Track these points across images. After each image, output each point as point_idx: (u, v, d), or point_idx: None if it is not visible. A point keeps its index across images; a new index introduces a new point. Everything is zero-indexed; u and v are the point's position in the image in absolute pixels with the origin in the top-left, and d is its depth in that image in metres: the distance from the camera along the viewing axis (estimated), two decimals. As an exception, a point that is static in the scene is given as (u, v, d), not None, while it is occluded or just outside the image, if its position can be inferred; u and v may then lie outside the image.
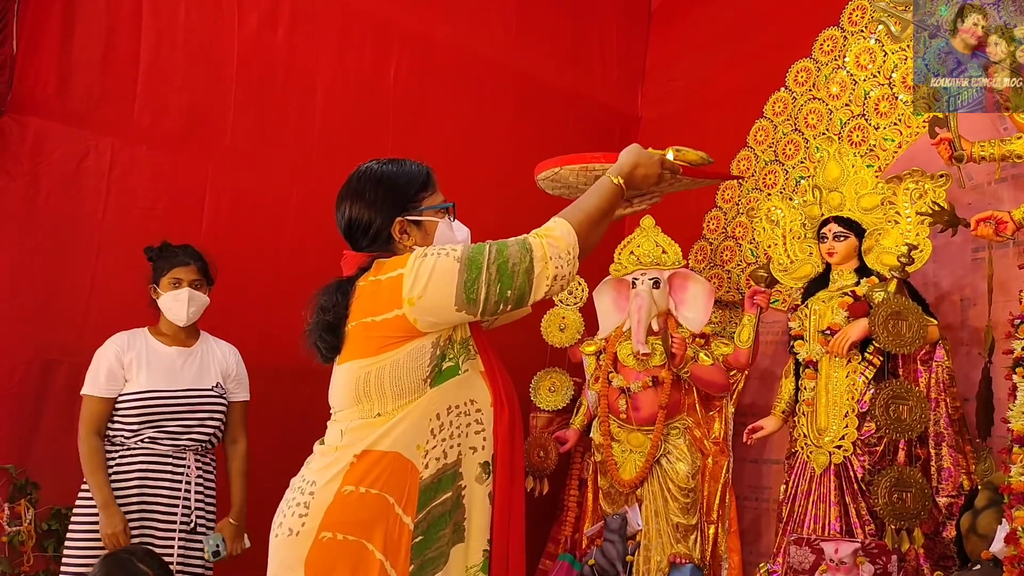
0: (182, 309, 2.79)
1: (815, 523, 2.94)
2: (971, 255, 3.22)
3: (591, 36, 4.76)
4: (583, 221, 1.66)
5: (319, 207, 3.65)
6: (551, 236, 1.63)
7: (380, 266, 1.68)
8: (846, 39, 3.83)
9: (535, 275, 1.59)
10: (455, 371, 1.66)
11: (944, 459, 2.86)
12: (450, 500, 1.62)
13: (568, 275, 1.63)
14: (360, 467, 1.59)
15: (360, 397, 1.64)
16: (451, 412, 1.64)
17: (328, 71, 3.75)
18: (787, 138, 4.02)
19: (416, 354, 1.61)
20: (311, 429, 1.89)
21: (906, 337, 2.81)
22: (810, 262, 3.30)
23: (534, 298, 1.63)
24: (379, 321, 1.62)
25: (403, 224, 1.74)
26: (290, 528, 1.61)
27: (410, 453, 1.61)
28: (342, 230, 1.79)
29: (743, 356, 3.47)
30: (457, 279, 1.58)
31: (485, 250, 1.61)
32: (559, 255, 1.61)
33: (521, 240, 1.63)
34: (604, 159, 1.84)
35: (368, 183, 1.76)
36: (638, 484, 3.46)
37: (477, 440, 1.66)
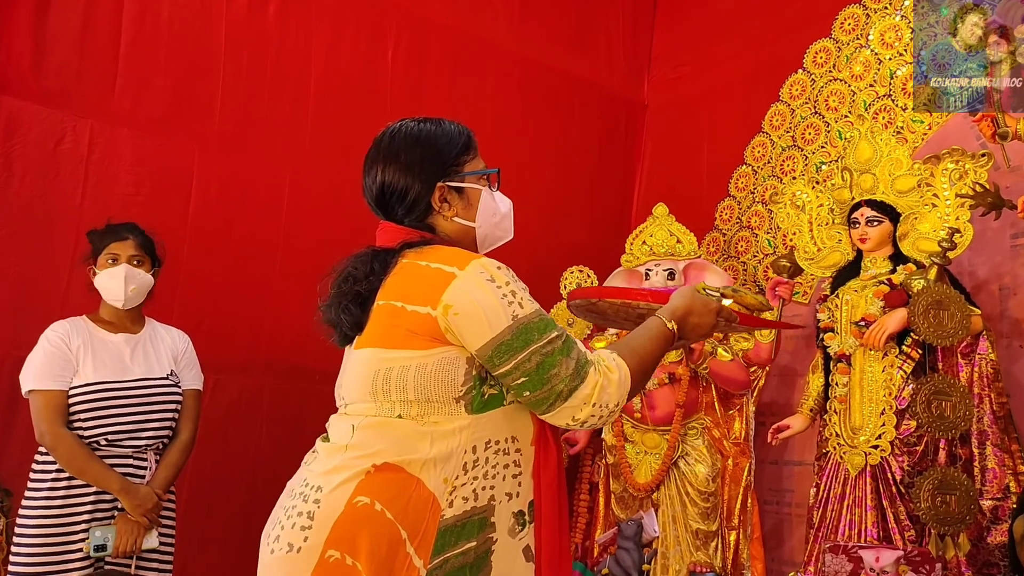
0: (119, 288, 2.49)
1: (850, 529, 2.74)
2: (1010, 241, 3.03)
3: (596, 21, 4.57)
4: (638, 369, 1.43)
5: (314, 195, 3.50)
6: (609, 379, 1.38)
7: (435, 251, 1.45)
8: (868, 17, 3.65)
9: (566, 405, 1.36)
10: (500, 400, 1.41)
11: (988, 459, 2.67)
12: (473, 552, 1.36)
13: (600, 423, 1.42)
14: (378, 479, 1.35)
15: (378, 393, 1.40)
16: (489, 447, 1.40)
17: (322, 53, 3.55)
18: (806, 122, 3.83)
19: (448, 366, 1.38)
20: (308, 429, 1.67)
21: (948, 328, 2.61)
22: (839, 249, 3.10)
23: (547, 419, 1.40)
24: (408, 311, 1.39)
25: (444, 191, 1.50)
26: (290, 543, 1.33)
27: (435, 485, 1.35)
28: (371, 198, 1.55)
29: (764, 351, 3.27)
30: (498, 334, 1.35)
31: (548, 335, 1.37)
32: (604, 404, 1.38)
33: (584, 362, 1.37)
34: (651, 298, 1.62)
35: (404, 143, 1.52)
36: (654, 488, 3.26)
37: (512, 485, 1.41)
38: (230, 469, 3.15)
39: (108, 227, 2.57)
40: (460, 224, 1.52)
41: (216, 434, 3.13)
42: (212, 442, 3.11)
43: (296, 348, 3.24)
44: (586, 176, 4.42)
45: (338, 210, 3.29)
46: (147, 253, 2.58)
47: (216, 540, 3.08)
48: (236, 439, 3.18)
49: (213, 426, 3.13)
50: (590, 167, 4.45)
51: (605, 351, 1.42)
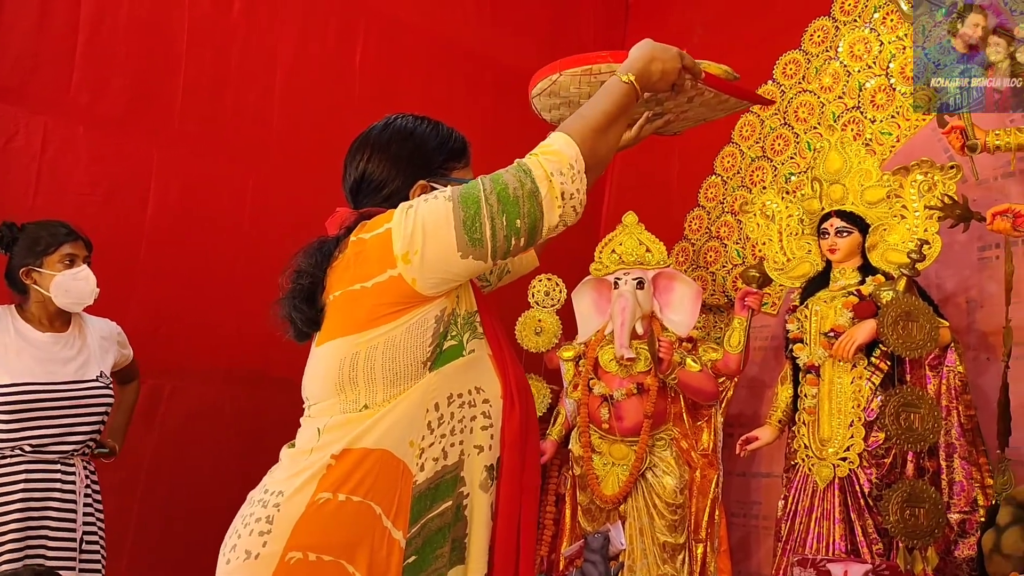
0: (87, 290, 2.43)
1: (818, 542, 2.71)
2: (977, 254, 3.04)
3: (568, 27, 4.54)
4: (585, 129, 1.36)
5: (279, 196, 3.41)
6: (548, 151, 1.34)
7: (363, 225, 1.40)
8: (838, 29, 3.65)
9: (542, 197, 1.31)
10: (459, 351, 1.36)
11: (956, 472, 2.66)
12: (449, 511, 1.32)
13: (577, 193, 1.34)
14: (339, 469, 1.29)
15: (344, 384, 1.33)
16: (452, 402, 1.35)
17: (289, 52, 3.47)
18: (776, 132, 3.82)
19: (416, 330, 1.32)
20: (270, 440, 1.60)
21: (917, 340, 2.60)
22: (808, 260, 3.08)
23: (548, 225, 1.34)
24: (370, 287, 1.33)
25: (424, 189, 1.46)
26: (247, 550, 1.27)
27: (402, 451, 1.30)
28: (348, 186, 1.51)
29: (733, 362, 3.25)
30: (454, 220, 1.30)
31: (478, 183, 1.33)
32: (560, 171, 1.32)
33: (515, 164, 1.35)
34: (612, 58, 1.52)
35: (396, 136, 1.49)
36: (621, 500, 3.22)
37: (483, 438, 1.36)
38: (188, 481, 3.05)
39: (41, 224, 2.47)
40: None
41: (173, 444, 3.03)
42: (169, 452, 3.02)
43: (259, 355, 3.15)
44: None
45: (304, 212, 3.20)
46: (89, 253, 2.51)
47: (173, 555, 2.97)
48: (195, 449, 3.09)
49: (170, 436, 3.04)
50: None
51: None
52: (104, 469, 2.62)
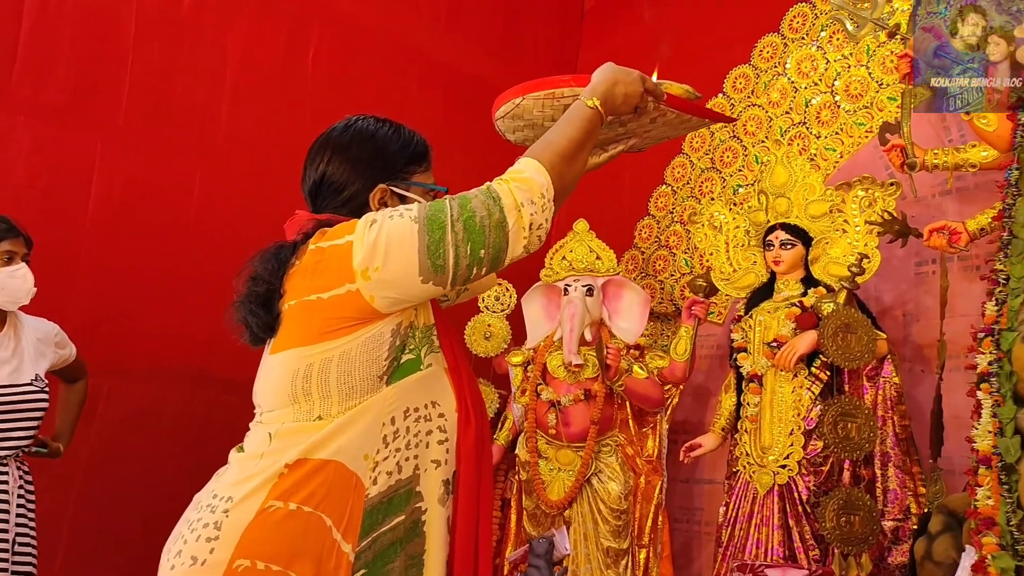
0: (24, 289, 2.37)
1: (757, 547, 2.76)
2: (914, 269, 3.13)
3: (523, 33, 4.57)
4: (555, 156, 1.36)
5: (228, 194, 3.36)
6: (518, 179, 1.34)
7: (323, 233, 1.37)
8: (786, 46, 3.74)
9: (509, 227, 1.30)
10: (417, 365, 1.35)
11: (891, 480, 2.73)
12: (403, 526, 1.30)
13: (545, 223, 1.34)
14: (291, 479, 1.26)
15: (298, 396, 1.31)
16: (409, 416, 1.33)
17: (240, 48, 3.43)
18: (725, 145, 3.89)
19: (372, 344, 1.31)
20: (215, 440, 1.57)
21: (855, 351, 2.67)
22: (754, 271, 3.15)
23: (512, 255, 1.33)
24: (326, 299, 1.31)
25: (385, 193, 1.44)
26: (194, 556, 1.24)
27: (355, 464, 1.28)
28: (308, 187, 1.49)
29: (679, 370, 3.29)
30: (418, 243, 1.28)
31: (446, 206, 1.31)
32: (530, 200, 1.32)
33: (485, 189, 1.33)
34: (574, 82, 1.51)
35: (357, 138, 1.46)
36: (566, 505, 3.24)
37: (439, 452, 1.35)
38: (129, 482, 2.98)
39: None
40: None
41: (114, 444, 2.96)
42: (110, 453, 2.95)
43: (202, 355, 3.10)
44: (509, 188, 4.40)
45: (253, 210, 3.18)
46: (28, 250, 2.44)
47: (109, 556, 2.91)
48: (134, 449, 3.02)
49: (111, 435, 2.97)
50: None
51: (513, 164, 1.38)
52: (39, 468, 2.55)
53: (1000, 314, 2.16)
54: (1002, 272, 2.21)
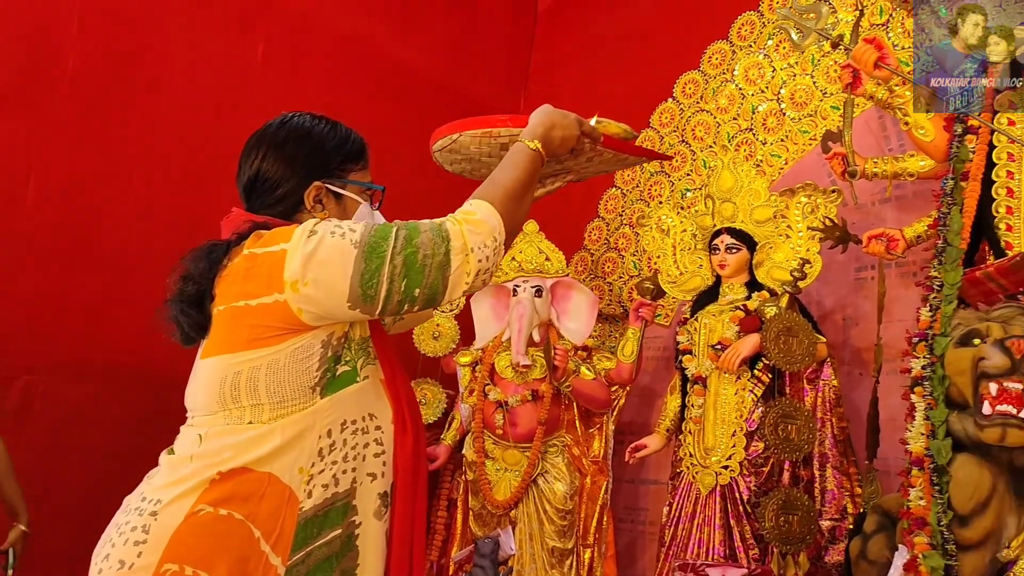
0: None
1: (699, 547, 2.80)
2: (854, 274, 3.20)
3: (476, 33, 4.56)
4: (505, 199, 1.36)
5: (169, 190, 3.29)
6: (472, 221, 1.32)
7: (258, 237, 1.35)
8: (735, 53, 3.80)
9: (452, 270, 1.28)
10: (353, 377, 1.34)
11: (828, 481, 2.79)
12: (338, 540, 1.29)
13: (493, 267, 1.33)
14: (224, 486, 1.25)
15: (227, 401, 1.30)
16: (346, 428, 1.32)
17: (186, 44, 3.36)
18: (673, 149, 3.94)
19: (301, 355, 1.29)
20: (154, 442, 1.54)
21: (796, 354, 2.73)
22: (700, 274, 3.20)
23: (449, 297, 1.32)
24: (254, 306, 1.29)
25: (320, 191, 1.43)
26: (121, 560, 1.22)
27: (289, 477, 1.27)
28: (242, 184, 1.47)
29: (626, 371, 3.33)
30: (352, 269, 1.26)
31: (391, 235, 1.29)
32: (483, 244, 1.30)
33: (436, 225, 1.30)
34: (511, 122, 1.54)
35: (293, 135, 1.45)
36: (512, 505, 3.25)
37: (376, 465, 1.34)
38: (62, 486, 2.90)
39: None
40: None
41: (46, 446, 2.88)
42: (42, 455, 2.87)
43: (142, 353, 3.03)
44: (461, 188, 4.39)
45: (196, 206, 3.11)
46: None
47: (41, 560, 2.82)
48: (70, 452, 2.94)
49: (43, 438, 2.89)
50: (465, 179, 4.42)
51: (464, 204, 1.36)
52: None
53: (934, 320, 2.23)
54: (936, 279, 2.28)
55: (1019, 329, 2.00)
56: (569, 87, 4.52)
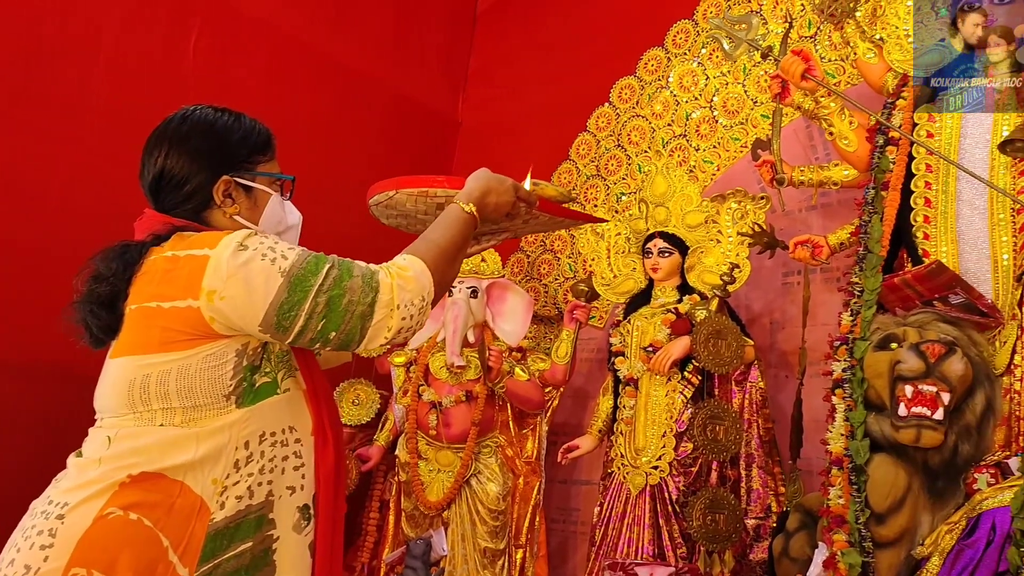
0: None
1: (628, 546, 2.84)
2: (781, 279, 3.29)
3: (413, 33, 4.54)
4: (438, 259, 1.37)
5: (94, 183, 3.20)
6: (404, 277, 1.32)
7: (182, 239, 1.33)
8: (670, 60, 3.86)
9: (373, 322, 1.28)
10: (273, 389, 1.33)
11: (754, 480, 2.86)
12: (249, 553, 1.27)
13: (416, 325, 1.33)
14: (133, 491, 1.23)
15: (136, 404, 1.28)
16: (264, 440, 1.30)
17: (114, 34, 3.26)
18: (609, 153, 3.99)
19: (213, 362, 1.28)
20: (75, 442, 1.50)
21: (725, 357, 2.79)
22: (633, 277, 3.24)
23: (365, 347, 1.32)
24: (166, 308, 1.27)
25: (229, 185, 1.41)
26: (27, 565, 1.18)
27: (201, 487, 1.25)
28: (147, 183, 1.43)
29: (560, 372, 3.35)
30: (274, 296, 1.25)
31: (322, 272, 1.28)
32: (410, 302, 1.30)
33: (369, 273, 1.30)
34: (447, 183, 1.56)
35: (195, 129, 1.42)
36: (445, 506, 3.24)
37: (295, 478, 1.33)
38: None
39: None
40: (240, 224, 1.43)
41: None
42: None
43: (64, 350, 2.93)
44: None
45: (123, 201, 3.02)
46: None
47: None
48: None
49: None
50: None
51: (397, 257, 1.36)
52: None
53: (854, 324, 2.30)
54: (857, 285, 2.35)
55: (934, 334, 2.09)
56: (507, 89, 4.54)
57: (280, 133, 3.93)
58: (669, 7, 3.89)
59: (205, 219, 1.41)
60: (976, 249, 2.26)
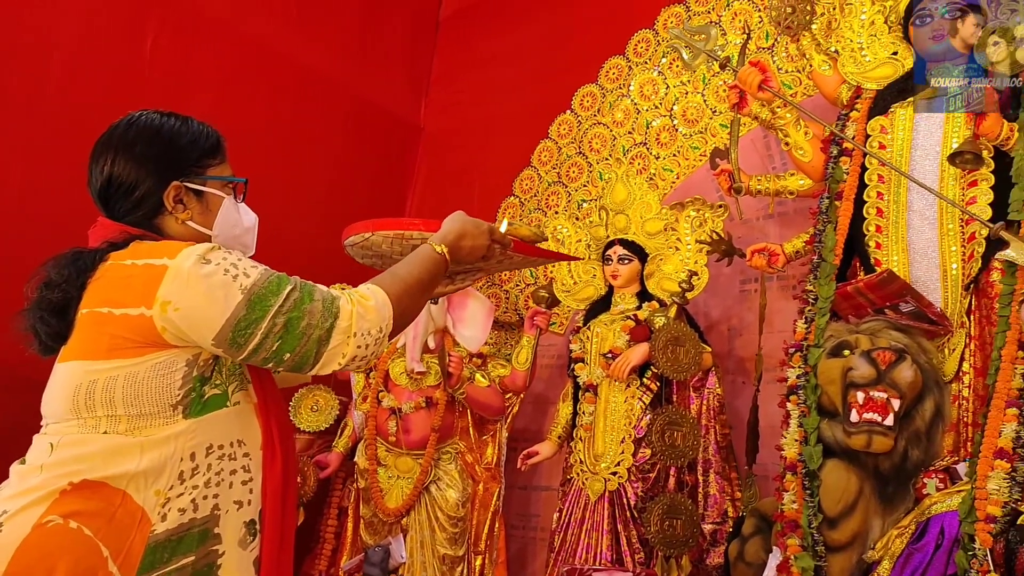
0: None
1: (587, 552, 2.85)
2: (739, 287, 3.33)
3: (377, 38, 4.53)
4: (402, 293, 1.37)
5: (48, 187, 3.14)
6: (365, 306, 1.32)
7: (141, 247, 1.31)
8: (631, 69, 3.89)
9: (328, 348, 1.28)
10: (223, 401, 1.31)
11: (711, 486, 2.89)
12: (191, 567, 1.25)
13: (372, 356, 1.33)
14: (74, 499, 1.20)
15: (81, 410, 1.25)
16: (211, 453, 1.29)
17: (70, 31, 3.21)
18: (571, 160, 4.01)
19: (162, 370, 1.26)
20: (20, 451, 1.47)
21: (683, 363, 2.82)
22: (593, 284, 3.27)
23: (318, 371, 1.31)
24: (117, 315, 1.25)
25: (180, 191, 1.39)
26: None
27: (143, 498, 1.23)
28: (95, 191, 1.41)
29: (520, 379, 3.36)
30: (232, 312, 1.24)
31: (283, 292, 1.28)
32: (367, 331, 1.30)
33: (330, 299, 1.30)
34: (423, 227, 1.59)
35: (142, 135, 1.40)
36: (404, 513, 3.23)
37: (242, 493, 1.31)
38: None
39: None
40: (194, 229, 1.41)
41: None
42: None
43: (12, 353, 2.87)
44: (359, 193, 4.35)
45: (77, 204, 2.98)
46: None
47: None
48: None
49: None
50: (363, 184, 4.38)
51: (361, 286, 1.36)
52: None
53: (809, 331, 2.34)
54: (811, 292, 2.39)
55: (885, 341, 2.13)
56: (470, 94, 4.55)
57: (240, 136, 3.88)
58: (630, 17, 3.92)
59: (158, 226, 1.40)
60: (926, 258, 2.31)
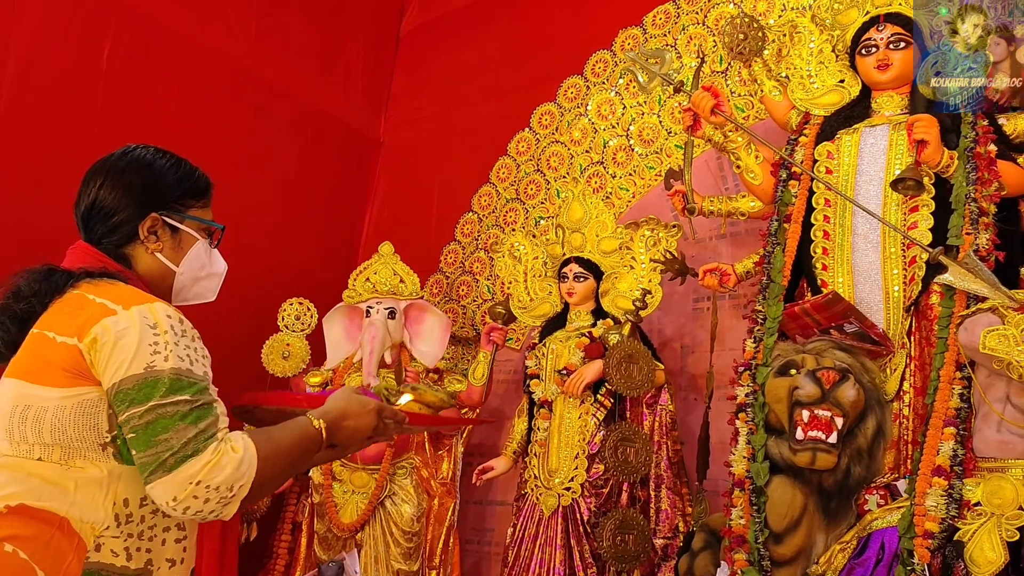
0: None
1: (540, 567, 2.87)
2: (692, 305, 3.39)
3: (336, 52, 4.54)
4: (270, 459, 1.28)
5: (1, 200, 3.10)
6: (228, 457, 1.23)
7: (109, 286, 1.32)
8: (589, 89, 3.96)
9: (165, 478, 1.20)
10: None
11: (663, 501, 2.93)
12: None
13: (210, 515, 1.23)
14: (11, 522, 1.20)
15: (14, 431, 1.26)
16: (145, 506, 1.28)
17: (24, 41, 3.17)
18: (529, 178, 4.05)
19: (88, 409, 1.25)
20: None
21: (636, 380, 2.87)
22: (549, 301, 3.30)
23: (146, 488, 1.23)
24: (58, 343, 1.27)
25: (156, 223, 1.43)
26: None
27: (80, 526, 1.23)
28: (80, 213, 1.44)
29: (476, 394, 3.38)
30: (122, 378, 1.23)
31: (174, 395, 1.23)
32: (209, 484, 1.20)
33: (206, 438, 1.22)
34: (306, 403, 1.52)
35: (132, 165, 1.44)
36: (359, 528, 3.22)
37: (176, 551, 1.30)
38: None
39: None
40: (161, 263, 1.44)
41: None
42: None
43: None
44: (316, 207, 4.35)
45: (29, 215, 2.95)
46: None
47: None
48: None
49: None
50: (321, 199, 4.38)
51: (242, 433, 1.29)
52: None
53: (757, 351, 2.40)
54: (760, 312, 2.46)
55: (829, 361, 2.19)
56: (429, 110, 4.58)
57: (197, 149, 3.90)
58: (589, 37, 3.99)
59: (127, 254, 1.42)
60: (870, 281, 2.38)
